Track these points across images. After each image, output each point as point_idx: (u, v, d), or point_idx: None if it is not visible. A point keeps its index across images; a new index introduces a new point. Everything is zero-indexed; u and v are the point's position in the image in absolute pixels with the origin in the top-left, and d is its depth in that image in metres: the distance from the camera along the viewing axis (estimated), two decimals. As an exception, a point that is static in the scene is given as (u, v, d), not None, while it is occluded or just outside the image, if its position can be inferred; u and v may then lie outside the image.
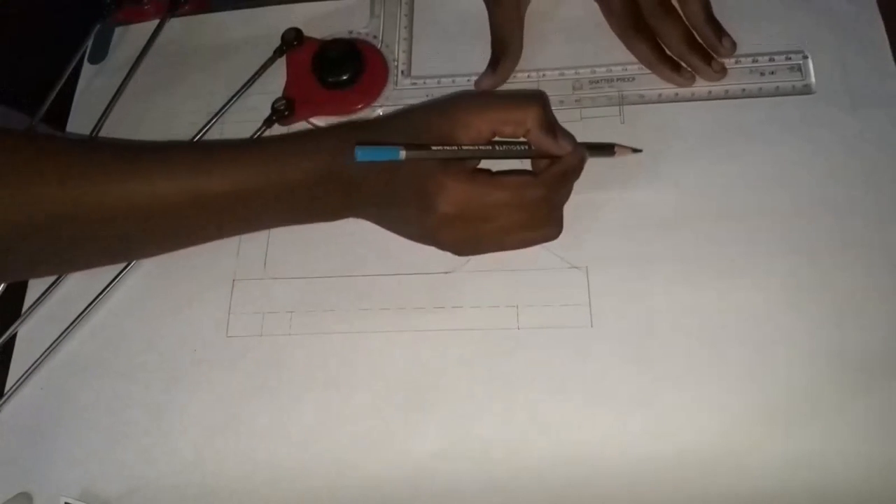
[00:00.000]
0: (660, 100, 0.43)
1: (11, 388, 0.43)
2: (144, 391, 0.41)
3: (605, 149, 0.41)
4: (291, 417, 0.40)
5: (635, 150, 0.42)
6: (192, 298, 0.43)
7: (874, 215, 0.39)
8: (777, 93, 0.42)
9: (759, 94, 0.43)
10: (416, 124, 0.38)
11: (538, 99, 0.38)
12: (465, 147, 0.36)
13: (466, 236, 0.38)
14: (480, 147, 0.37)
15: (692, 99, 0.43)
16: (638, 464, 0.36)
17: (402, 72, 0.47)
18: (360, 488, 0.38)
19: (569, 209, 0.41)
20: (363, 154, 0.34)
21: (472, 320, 0.40)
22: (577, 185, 0.41)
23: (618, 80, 0.44)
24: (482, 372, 0.39)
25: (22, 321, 0.44)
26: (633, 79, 0.44)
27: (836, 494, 0.35)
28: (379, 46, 0.48)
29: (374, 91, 0.46)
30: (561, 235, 0.41)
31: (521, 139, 0.38)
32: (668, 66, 0.43)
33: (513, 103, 0.37)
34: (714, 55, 0.43)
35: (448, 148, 0.36)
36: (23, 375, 0.43)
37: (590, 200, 0.41)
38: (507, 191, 0.36)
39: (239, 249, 0.44)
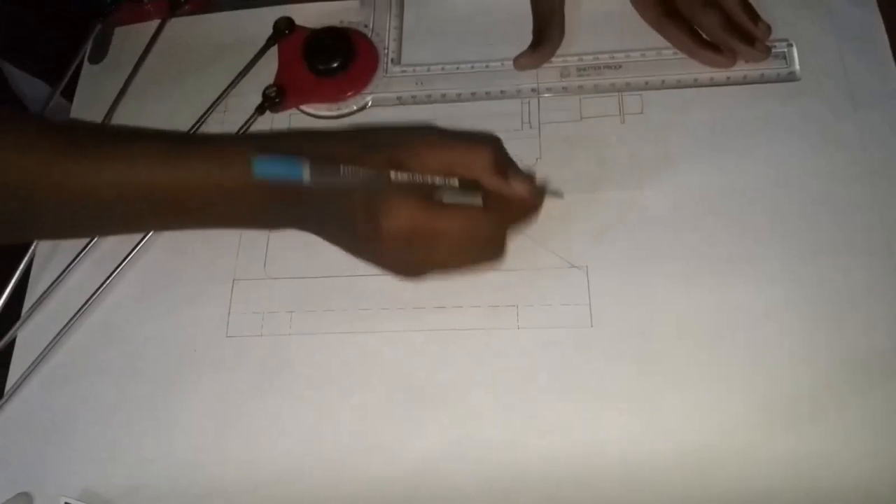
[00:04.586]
0: (647, 87, 0.44)
1: (11, 388, 0.43)
2: (144, 391, 0.41)
3: (556, 194, 0.41)
4: (291, 417, 0.40)
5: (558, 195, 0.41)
6: (192, 298, 0.43)
7: (875, 215, 0.39)
8: (762, 80, 0.43)
9: (744, 81, 0.43)
10: (364, 141, 0.37)
11: (490, 141, 0.38)
12: (384, 173, 0.34)
13: (410, 260, 0.38)
14: (399, 174, 0.35)
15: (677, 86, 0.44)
16: (638, 464, 0.36)
17: (392, 59, 0.47)
18: (360, 488, 0.38)
19: (569, 209, 0.41)
20: (261, 167, 0.30)
21: (472, 320, 0.40)
22: (578, 185, 0.42)
23: (604, 67, 0.45)
24: (482, 372, 0.39)
25: (22, 322, 0.44)
26: (620, 67, 0.44)
27: (836, 494, 0.35)
28: (369, 35, 0.48)
29: (364, 78, 0.47)
30: (561, 235, 0.41)
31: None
32: (711, 49, 0.43)
33: (464, 144, 0.37)
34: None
35: (364, 170, 0.34)
36: (22, 377, 0.43)
37: (590, 200, 0.41)
38: (460, 221, 0.36)
39: (239, 249, 0.44)
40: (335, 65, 0.46)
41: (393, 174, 0.35)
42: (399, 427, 0.39)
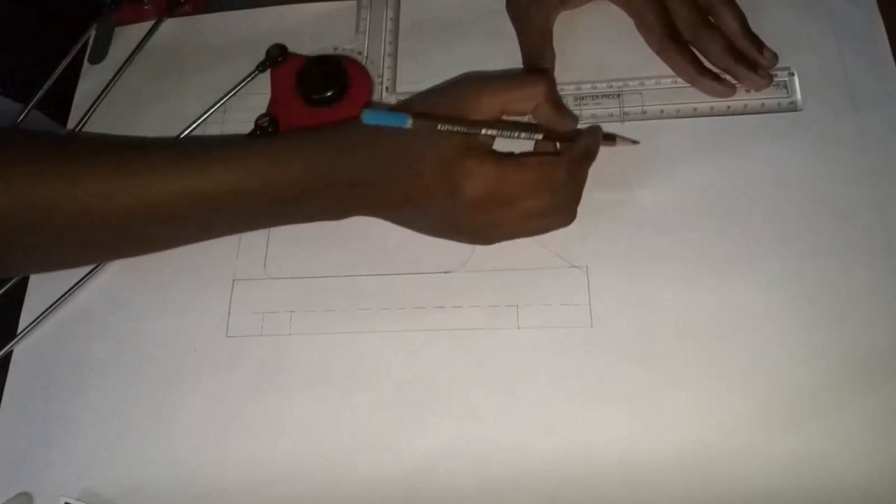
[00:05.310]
0: (646, 116, 0.43)
1: (12, 387, 0.43)
2: (144, 391, 0.41)
3: (608, 138, 0.41)
4: (291, 418, 0.40)
5: (634, 142, 0.42)
6: (192, 298, 0.43)
7: (875, 216, 0.39)
8: (763, 110, 0.42)
9: (745, 111, 0.42)
10: (421, 108, 0.38)
11: (545, 75, 0.38)
12: (474, 122, 0.36)
13: (489, 222, 0.37)
14: (489, 123, 0.36)
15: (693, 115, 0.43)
16: (638, 464, 0.36)
17: (387, 88, 0.47)
18: (360, 488, 0.38)
19: (569, 209, 0.41)
20: (369, 117, 0.34)
21: (472, 320, 0.40)
22: (577, 185, 0.41)
23: (602, 96, 0.44)
24: (482, 372, 0.39)
25: (23, 334, 0.44)
26: (619, 95, 0.44)
27: (836, 494, 0.35)
28: (364, 63, 0.48)
29: (358, 108, 0.45)
30: (561, 235, 0.41)
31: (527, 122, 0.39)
32: (710, 77, 0.42)
33: (521, 80, 0.38)
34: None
35: (456, 123, 0.35)
36: (22, 377, 0.43)
37: (590, 200, 0.41)
38: (533, 170, 0.36)
39: (239, 249, 0.44)
40: (329, 94, 0.45)
41: (484, 130, 0.36)
42: (399, 427, 0.39)
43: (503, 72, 0.45)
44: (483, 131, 0.36)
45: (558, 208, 0.38)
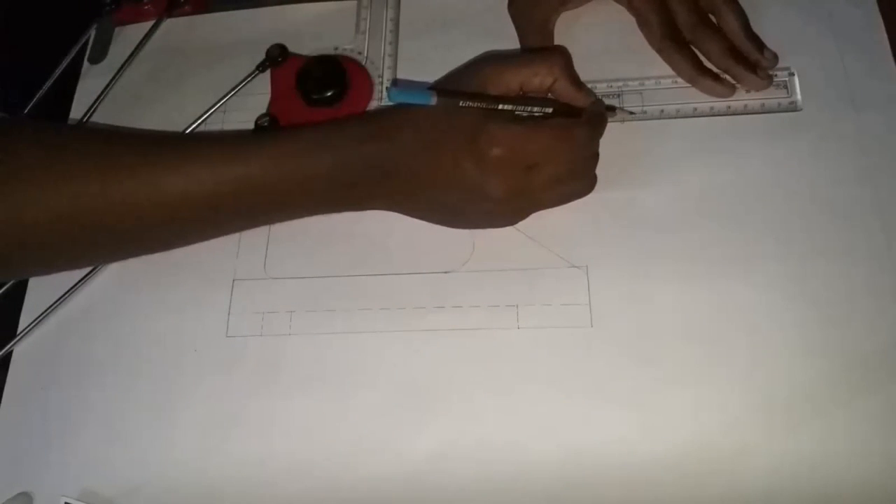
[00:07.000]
0: (646, 116, 0.43)
1: (12, 387, 0.43)
2: (144, 391, 0.41)
3: (610, 108, 0.42)
4: (291, 417, 0.40)
5: (631, 112, 0.43)
6: (192, 298, 0.43)
7: (875, 216, 0.39)
8: (763, 110, 0.42)
9: (745, 111, 0.42)
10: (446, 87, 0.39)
11: (562, 52, 0.41)
12: (493, 97, 0.38)
13: (516, 189, 0.38)
14: (507, 98, 0.38)
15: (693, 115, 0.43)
16: (638, 464, 0.36)
17: (387, 88, 0.47)
18: (360, 488, 0.38)
19: (569, 209, 0.41)
20: (396, 95, 0.35)
21: (472, 320, 0.40)
22: (578, 185, 0.41)
23: (603, 96, 0.43)
24: (482, 372, 0.39)
25: (23, 334, 0.44)
26: (619, 95, 0.44)
27: (836, 494, 0.35)
28: (364, 63, 0.48)
29: (358, 108, 0.46)
30: (561, 235, 0.41)
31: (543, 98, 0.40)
32: (710, 77, 0.42)
33: (539, 56, 0.40)
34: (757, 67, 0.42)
35: (477, 98, 0.37)
36: (22, 377, 0.43)
37: (590, 200, 0.41)
38: (554, 130, 0.37)
39: (239, 249, 0.44)
40: (329, 94, 0.45)
41: (501, 105, 0.37)
42: (399, 427, 0.39)
43: (517, 50, 0.45)
44: (500, 106, 0.37)
45: (579, 172, 0.40)
